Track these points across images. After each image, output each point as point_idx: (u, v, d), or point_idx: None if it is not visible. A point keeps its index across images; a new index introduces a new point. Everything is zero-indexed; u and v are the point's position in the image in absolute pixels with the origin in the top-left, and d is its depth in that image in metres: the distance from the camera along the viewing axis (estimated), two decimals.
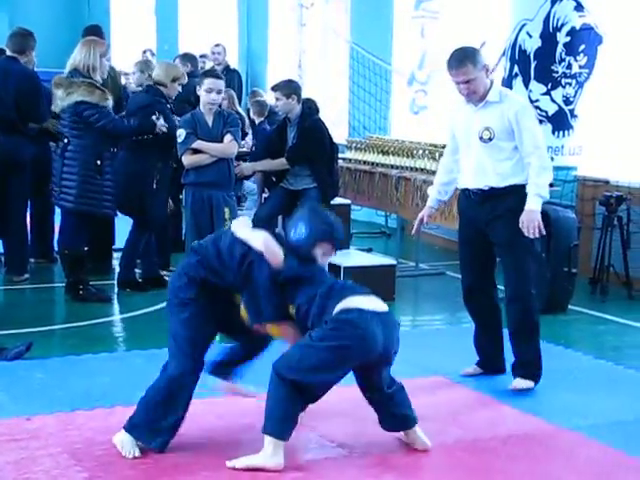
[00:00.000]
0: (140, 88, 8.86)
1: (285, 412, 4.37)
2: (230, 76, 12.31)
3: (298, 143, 8.01)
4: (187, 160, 7.22)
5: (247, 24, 15.25)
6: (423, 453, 4.72)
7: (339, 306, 4.42)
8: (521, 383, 5.70)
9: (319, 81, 13.73)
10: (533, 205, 5.53)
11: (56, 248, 8.34)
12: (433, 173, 8.83)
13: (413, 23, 11.47)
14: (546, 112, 8.86)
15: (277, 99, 8.01)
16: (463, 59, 5.54)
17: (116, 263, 8.56)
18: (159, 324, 6.57)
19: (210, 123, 7.26)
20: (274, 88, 8.10)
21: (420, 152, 9.32)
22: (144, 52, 15.13)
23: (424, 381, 5.84)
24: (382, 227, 11.53)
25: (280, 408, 4.37)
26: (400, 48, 11.78)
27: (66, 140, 7.53)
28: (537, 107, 8.73)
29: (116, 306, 7.75)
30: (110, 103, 7.56)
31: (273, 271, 4.44)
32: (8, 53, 8.15)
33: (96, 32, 8.72)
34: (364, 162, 9.91)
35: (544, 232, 5.63)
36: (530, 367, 5.75)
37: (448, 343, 6.81)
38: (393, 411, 4.70)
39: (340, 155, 10.77)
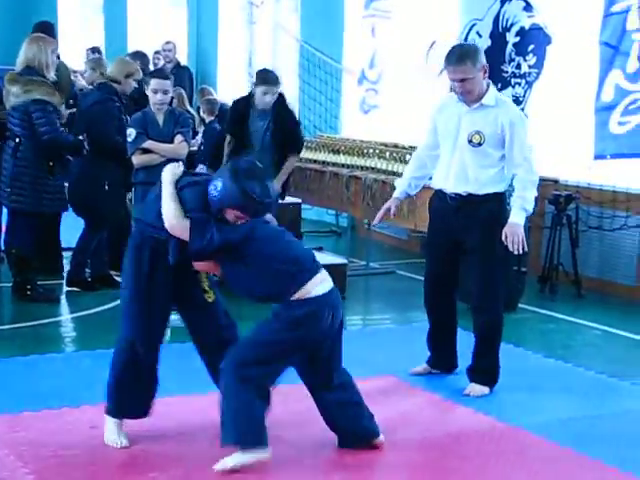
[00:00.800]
0: (91, 86, 8.79)
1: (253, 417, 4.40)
2: (181, 73, 12.28)
3: (296, 132, 8.08)
4: (137, 160, 7.17)
5: (197, 22, 15.19)
6: (373, 452, 4.72)
7: (297, 295, 4.41)
8: (476, 389, 5.70)
9: None
10: (517, 218, 5.45)
11: (1, 247, 8.25)
12: (384, 172, 8.91)
13: (364, 22, 11.47)
14: None
15: (266, 93, 7.84)
16: (464, 57, 5.42)
17: (66, 262, 8.48)
18: (108, 324, 6.57)
19: (161, 123, 7.21)
20: (270, 82, 7.87)
21: (371, 151, 9.33)
22: (92, 50, 14.99)
23: (374, 380, 5.83)
24: (332, 226, 11.54)
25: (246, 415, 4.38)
26: (351, 47, 11.80)
27: (17, 140, 7.43)
28: None
29: (65, 306, 7.68)
30: (56, 100, 7.50)
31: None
32: None
33: (47, 29, 8.64)
34: (315, 161, 9.91)
35: (526, 248, 5.58)
36: (487, 374, 5.76)
37: (398, 342, 6.83)
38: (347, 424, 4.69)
39: None
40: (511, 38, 8.91)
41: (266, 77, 7.93)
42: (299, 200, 9.62)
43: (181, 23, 15.61)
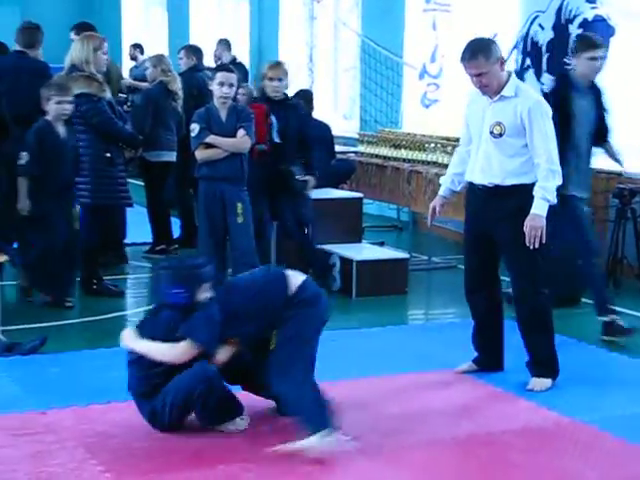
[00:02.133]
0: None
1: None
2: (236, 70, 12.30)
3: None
4: (200, 155, 7.23)
5: (258, 18, 15.24)
6: (436, 447, 4.73)
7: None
8: (538, 383, 5.67)
9: (330, 75, 13.76)
10: (539, 210, 5.42)
11: None
12: (445, 166, 8.83)
13: (424, 16, 11.44)
14: None
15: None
16: (476, 51, 5.44)
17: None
18: None
19: (224, 118, 7.25)
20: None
21: (432, 145, 9.32)
22: (134, 47, 15.13)
23: (436, 375, 5.86)
24: (394, 221, 11.53)
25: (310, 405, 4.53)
26: (411, 41, 11.75)
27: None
28: None
29: (129, 300, 7.77)
30: (108, 95, 7.67)
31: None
32: (17, 48, 8.17)
33: (86, 29, 8.74)
34: (376, 156, 9.92)
35: (544, 240, 5.49)
36: (544, 366, 5.72)
37: (460, 337, 6.75)
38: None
39: (352, 149, 10.83)
40: (574, 30, 8.85)
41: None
42: (361, 195, 9.62)
43: (243, 19, 15.69)
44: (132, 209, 8.23)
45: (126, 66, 16.74)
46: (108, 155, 7.52)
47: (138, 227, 9.34)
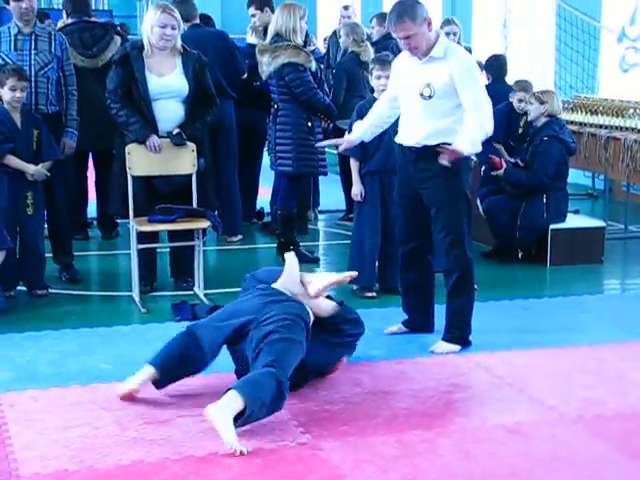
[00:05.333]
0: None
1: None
2: None
3: None
4: None
5: None
6: (638, 419, 4.62)
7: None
8: (444, 347, 5.55)
9: (525, 41, 13.51)
10: (461, 144, 5.21)
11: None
12: None
13: None
14: None
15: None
16: (402, 14, 5.25)
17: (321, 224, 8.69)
18: None
19: None
20: None
21: (631, 111, 9.05)
22: (345, 8, 14.83)
23: (635, 346, 5.72)
24: (589, 189, 11.27)
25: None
26: (610, 4, 11.42)
27: (276, 106, 7.70)
28: None
29: (324, 266, 7.89)
30: (313, 65, 7.69)
31: None
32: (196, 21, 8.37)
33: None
34: (572, 122, 9.69)
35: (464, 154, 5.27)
36: (458, 330, 5.59)
37: None
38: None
39: None
40: None
41: None
42: None
43: None
44: (325, 177, 8.33)
45: None
46: (309, 124, 7.61)
47: (331, 194, 9.45)
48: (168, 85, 6.54)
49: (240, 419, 4.20)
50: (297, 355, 4.57)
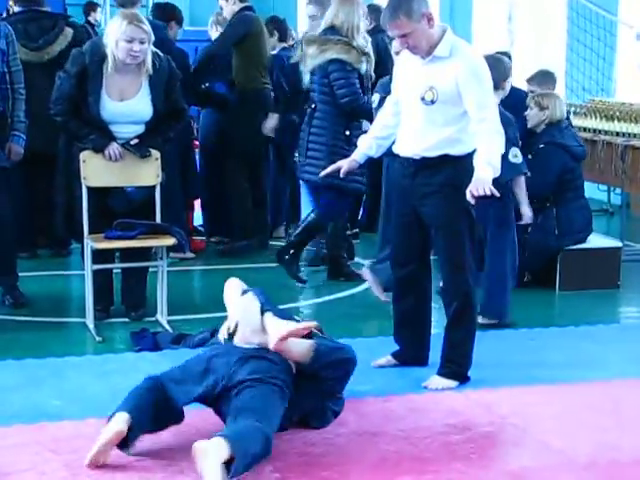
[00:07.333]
0: None
1: None
2: None
3: None
4: None
5: None
6: None
7: None
8: (438, 382, 5.56)
9: (532, 36, 13.60)
10: (483, 173, 5.15)
11: None
12: None
13: None
14: None
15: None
16: (396, 9, 5.22)
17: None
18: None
19: None
20: None
21: None
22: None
23: None
24: (604, 204, 11.34)
25: None
26: None
27: (313, 106, 7.69)
28: None
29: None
30: (364, 67, 7.61)
31: None
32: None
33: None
34: (584, 129, 9.77)
35: (497, 194, 5.19)
36: (454, 364, 5.60)
37: None
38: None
39: None
40: None
41: None
42: None
43: None
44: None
45: None
46: (347, 133, 7.50)
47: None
48: (128, 111, 6.51)
49: (229, 473, 4.18)
50: (281, 409, 4.60)
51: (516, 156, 6.82)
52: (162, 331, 6.46)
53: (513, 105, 7.31)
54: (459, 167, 5.34)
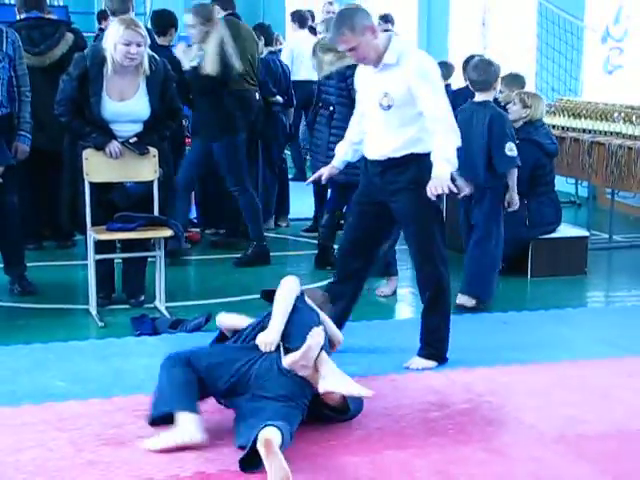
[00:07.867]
0: None
1: None
2: None
3: None
4: None
5: None
6: (621, 439, 4.66)
7: None
8: (418, 362, 5.58)
9: (504, 40, 13.59)
10: (440, 172, 5.15)
11: None
12: (630, 137, 8.71)
13: None
14: None
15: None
16: (340, 26, 5.23)
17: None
18: None
19: None
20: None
21: (615, 115, 9.12)
22: (330, 3, 14.72)
23: (619, 362, 5.76)
24: (572, 196, 11.35)
25: None
26: (593, 2, 11.52)
27: (332, 108, 7.66)
28: None
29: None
30: None
31: None
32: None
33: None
34: (553, 126, 9.74)
35: (455, 189, 5.26)
36: (433, 348, 5.61)
37: None
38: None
39: None
40: None
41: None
42: None
43: None
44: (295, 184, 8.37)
45: None
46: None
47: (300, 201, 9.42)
48: (127, 111, 6.50)
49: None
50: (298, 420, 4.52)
51: (511, 150, 6.90)
52: (160, 317, 6.46)
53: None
54: (423, 165, 5.31)
